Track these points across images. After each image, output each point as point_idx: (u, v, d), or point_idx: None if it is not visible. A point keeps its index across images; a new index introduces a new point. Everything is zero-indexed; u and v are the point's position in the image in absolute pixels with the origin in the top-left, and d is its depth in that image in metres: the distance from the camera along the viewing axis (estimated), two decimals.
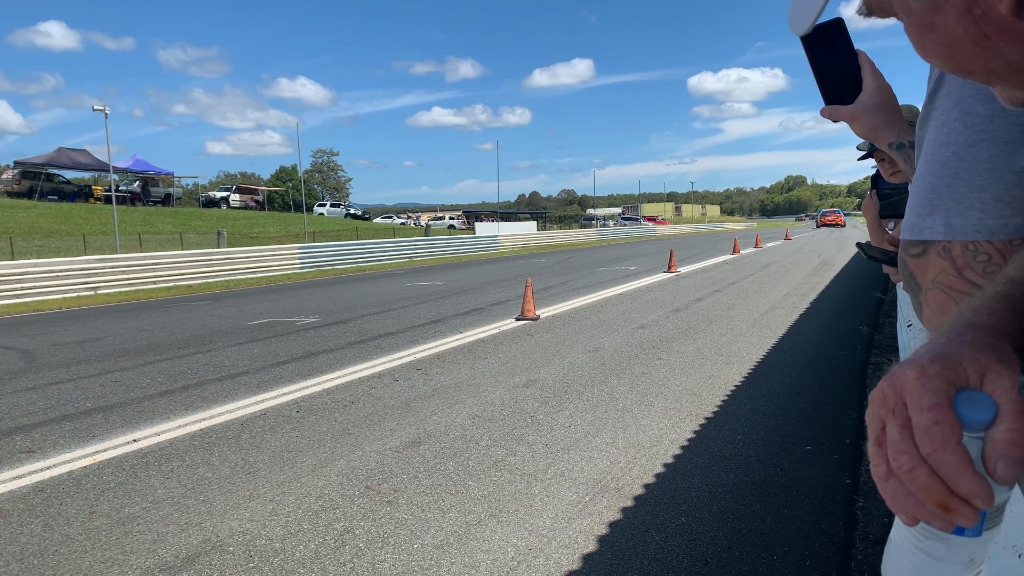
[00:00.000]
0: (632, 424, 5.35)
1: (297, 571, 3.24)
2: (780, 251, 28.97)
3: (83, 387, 7.00)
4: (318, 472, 4.50)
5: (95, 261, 18.09)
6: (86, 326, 11.61)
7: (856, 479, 4.20)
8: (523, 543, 3.47)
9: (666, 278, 17.49)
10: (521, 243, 39.36)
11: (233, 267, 21.66)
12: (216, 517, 3.86)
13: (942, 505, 0.46)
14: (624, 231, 58.00)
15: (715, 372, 7.01)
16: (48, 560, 3.41)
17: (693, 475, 4.31)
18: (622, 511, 3.81)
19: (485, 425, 5.41)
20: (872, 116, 1.12)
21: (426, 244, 31.49)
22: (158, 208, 45.17)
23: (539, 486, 4.19)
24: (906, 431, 0.46)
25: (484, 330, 9.90)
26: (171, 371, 7.66)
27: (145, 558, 3.40)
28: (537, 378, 6.92)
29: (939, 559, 0.53)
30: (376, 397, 6.34)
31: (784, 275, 17.57)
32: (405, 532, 3.62)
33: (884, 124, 1.13)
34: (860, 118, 1.13)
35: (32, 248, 25.18)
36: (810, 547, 3.37)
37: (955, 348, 0.48)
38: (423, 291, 15.96)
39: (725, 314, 10.99)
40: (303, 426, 5.49)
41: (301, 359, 8.15)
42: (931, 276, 0.78)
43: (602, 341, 8.87)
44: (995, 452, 0.45)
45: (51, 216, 35.51)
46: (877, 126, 1.13)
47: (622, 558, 3.30)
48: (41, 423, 5.75)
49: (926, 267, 0.79)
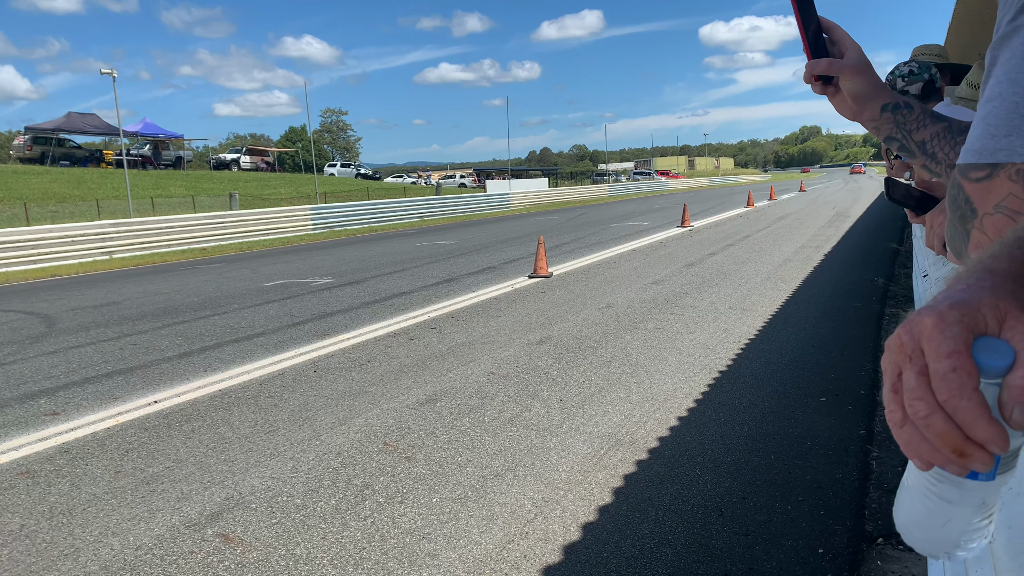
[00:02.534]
0: (646, 379, 5.38)
1: (319, 526, 3.32)
2: (794, 203, 28.69)
3: (103, 350, 7.10)
4: (337, 430, 4.57)
5: (109, 226, 18.18)
6: (103, 290, 11.73)
7: (870, 429, 4.21)
8: (539, 496, 3.53)
9: (679, 233, 17.39)
10: (533, 200, 39.15)
11: (246, 229, 21.71)
12: (238, 475, 3.94)
13: (957, 451, 0.46)
14: (637, 186, 57.48)
15: (729, 326, 7.01)
16: (76, 518, 3.51)
17: (707, 428, 4.34)
18: (637, 464, 3.85)
19: (500, 382, 5.45)
20: (872, 72, 1.07)
21: (437, 203, 31.39)
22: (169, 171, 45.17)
23: (554, 440, 4.24)
24: (923, 378, 0.46)
25: (497, 288, 9.92)
26: (188, 333, 7.75)
27: (171, 515, 3.49)
28: (551, 335, 6.95)
29: (952, 502, 0.53)
30: (392, 356, 6.40)
31: (798, 227, 17.43)
32: (423, 487, 3.69)
33: (878, 85, 1.08)
34: (862, 72, 1.05)
35: (46, 214, 25.32)
36: (824, 496, 3.41)
37: (974, 295, 0.48)
38: (436, 250, 15.96)
39: (739, 268, 10.94)
40: (321, 385, 5.56)
41: (316, 319, 8.22)
42: (994, 200, 0.75)
43: (615, 297, 8.87)
44: (1012, 398, 0.45)
45: (63, 181, 35.62)
46: (877, 83, 1.07)
47: (637, 509, 3.34)
48: (64, 386, 5.85)
49: (989, 191, 0.76)
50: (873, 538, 3.04)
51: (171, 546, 3.19)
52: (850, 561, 2.88)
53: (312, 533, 3.26)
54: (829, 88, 1.09)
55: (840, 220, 19.11)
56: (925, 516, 0.56)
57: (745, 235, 16.08)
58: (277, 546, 3.15)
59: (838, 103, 1.10)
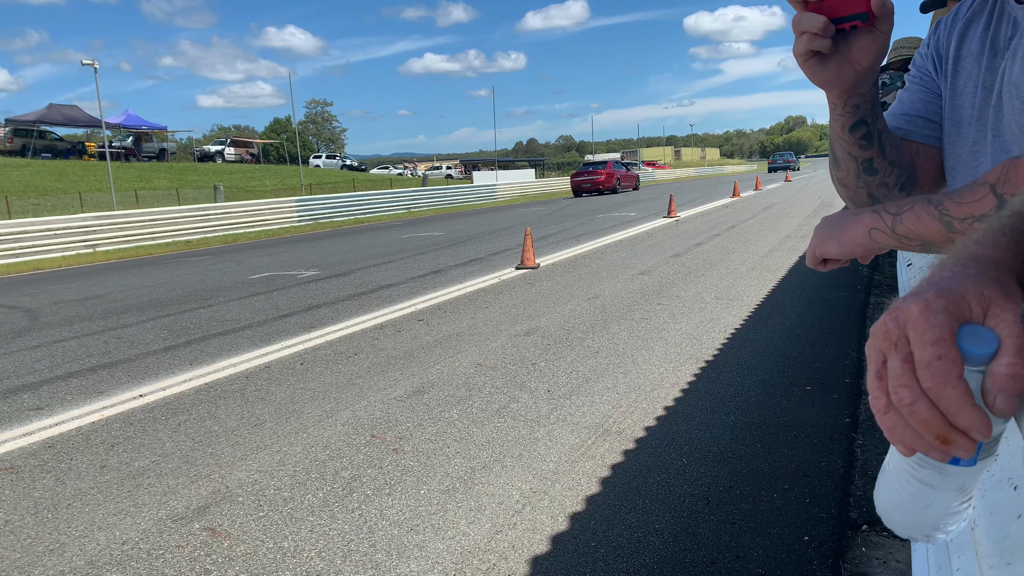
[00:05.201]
0: (633, 369, 5.39)
1: (306, 518, 3.31)
2: (780, 193, 28.81)
3: (87, 344, 7.04)
4: (324, 422, 4.56)
5: (92, 219, 18.02)
6: (87, 284, 11.62)
7: (855, 418, 4.25)
8: (527, 486, 3.54)
9: (666, 223, 17.43)
10: (519, 191, 39.11)
11: (231, 221, 21.58)
12: (225, 468, 3.92)
13: (941, 437, 0.46)
14: None
15: (715, 316, 7.04)
16: (62, 514, 3.48)
17: (694, 417, 4.36)
18: (624, 454, 3.86)
19: (487, 373, 5.45)
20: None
21: (424, 195, 31.30)
22: (153, 163, 44.81)
23: (542, 431, 4.25)
24: (908, 365, 0.46)
25: (484, 280, 9.92)
26: (174, 327, 7.70)
27: (157, 510, 3.47)
28: (538, 326, 6.96)
29: (933, 487, 0.54)
30: (379, 348, 6.38)
31: (784, 217, 17.51)
32: (411, 478, 3.69)
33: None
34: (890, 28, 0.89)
35: (28, 207, 25.04)
36: (810, 484, 3.44)
37: (959, 282, 0.48)
38: (422, 242, 15.92)
39: (725, 258, 10.98)
40: (307, 378, 5.54)
41: (303, 312, 8.18)
42: None
43: (602, 288, 8.89)
44: (995, 386, 0.45)
45: (45, 174, 35.24)
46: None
47: (624, 498, 3.36)
48: (47, 380, 5.80)
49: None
50: (858, 525, 3.07)
51: (157, 540, 3.18)
52: (835, 548, 2.90)
53: (300, 526, 3.25)
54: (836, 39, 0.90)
55: (825, 210, 19.20)
56: (906, 500, 0.57)
57: (731, 225, 16.14)
58: (264, 539, 3.15)
59: (826, 63, 0.92)
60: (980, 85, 0.97)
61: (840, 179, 1.08)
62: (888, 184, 1.05)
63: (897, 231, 0.91)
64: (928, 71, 1.10)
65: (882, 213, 0.93)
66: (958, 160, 1.02)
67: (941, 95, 1.07)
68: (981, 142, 0.96)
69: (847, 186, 1.08)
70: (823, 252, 1.02)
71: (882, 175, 1.04)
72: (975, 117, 0.97)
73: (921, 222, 0.87)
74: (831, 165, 1.10)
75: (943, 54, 1.06)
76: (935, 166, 1.08)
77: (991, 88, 0.94)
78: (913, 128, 1.09)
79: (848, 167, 1.05)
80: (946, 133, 1.05)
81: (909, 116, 1.10)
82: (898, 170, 1.04)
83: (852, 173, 1.05)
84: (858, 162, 1.03)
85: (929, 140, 1.08)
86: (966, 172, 0.99)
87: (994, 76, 0.94)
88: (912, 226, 0.88)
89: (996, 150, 0.92)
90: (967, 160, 0.99)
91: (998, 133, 0.91)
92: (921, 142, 1.08)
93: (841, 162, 1.06)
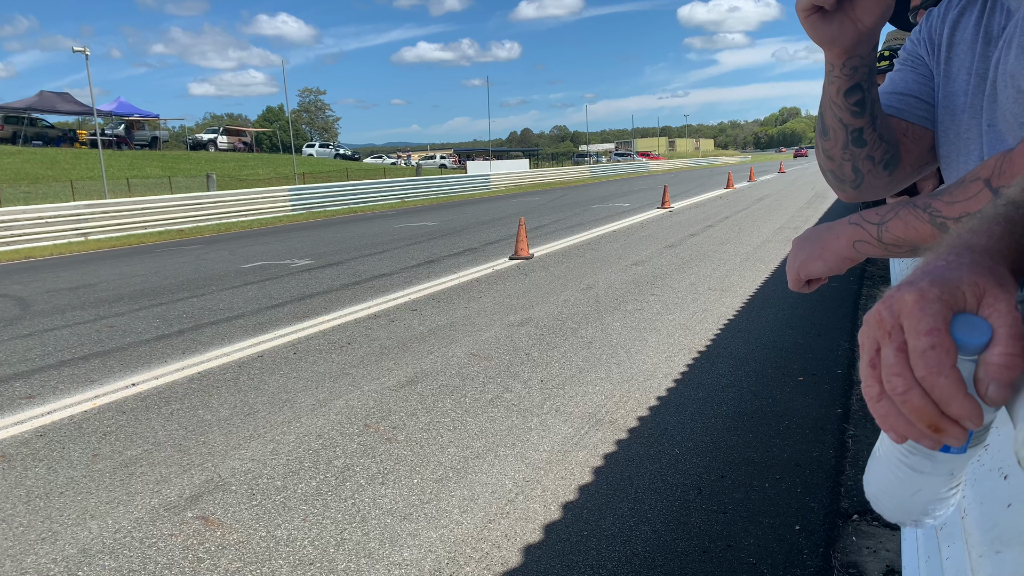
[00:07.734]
0: (626, 359, 5.41)
1: (299, 507, 3.31)
2: (774, 184, 28.84)
3: (79, 333, 7.01)
4: (317, 412, 4.56)
5: (84, 207, 17.90)
6: (78, 272, 11.57)
7: (847, 408, 4.27)
8: (520, 475, 3.55)
9: (660, 214, 17.44)
10: (514, 181, 39.03)
11: (224, 210, 21.46)
12: (218, 457, 3.92)
13: (933, 426, 0.46)
14: (618, 167, 57.49)
15: (708, 307, 7.05)
16: (54, 502, 3.48)
17: (686, 407, 4.37)
18: (616, 443, 3.88)
19: (481, 363, 5.46)
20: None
21: (418, 184, 31.20)
22: (145, 152, 44.51)
23: (535, 421, 4.25)
24: (901, 354, 0.46)
25: (478, 270, 9.91)
26: (166, 315, 7.67)
27: (150, 498, 3.47)
28: (532, 316, 6.96)
29: (923, 473, 0.55)
30: (372, 338, 6.37)
31: (778, 209, 17.54)
32: (405, 468, 3.69)
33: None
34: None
35: (19, 195, 24.87)
36: (801, 474, 3.45)
37: (954, 271, 0.48)
38: (416, 232, 15.89)
39: (718, 249, 11.00)
40: (301, 367, 5.54)
41: (296, 301, 8.17)
42: None
43: (596, 278, 8.89)
44: (988, 375, 0.45)
45: (36, 162, 34.99)
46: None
47: (617, 488, 3.37)
48: (39, 369, 5.78)
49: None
50: (849, 515, 3.09)
51: (150, 529, 3.17)
52: (826, 537, 2.92)
53: (293, 515, 3.25)
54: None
55: (818, 201, 19.25)
56: (896, 485, 0.57)
57: (725, 216, 16.15)
58: (258, 528, 3.15)
59: (828, 19, 0.88)
60: (973, 72, 0.96)
61: (827, 150, 1.06)
62: (874, 158, 1.02)
63: (884, 240, 0.90)
64: (920, 56, 1.08)
65: (864, 224, 0.92)
66: (951, 148, 1.01)
67: (933, 79, 1.06)
68: (974, 129, 0.95)
69: (833, 158, 1.06)
70: (808, 273, 1.01)
71: (870, 147, 1.01)
72: (968, 104, 0.97)
73: (910, 227, 0.87)
74: (818, 136, 1.08)
75: (936, 40, 1.05)
76: (921, 148, 1.06)
77: (984, 76, 0.94)
78: (905, 107, 1.06)
79: (837, 136, 1.02)
80: (939, 120, 1.04)
81: (902, 95, 1.07)
82: (885, 145, 1.02)
83: (840, 143, 1.02)
84: (848, 131, 1.00)
85: (921, 121, 1.06)
86: (960, 160, 0.99)
87: (987, 64, 0.93)
88: (901, 233, 0.88)
89: (991, 140, 0.91)
90: (960, 148, 0.99)
91: (993, 123, 0.91)
92: (912, 122, 1.06)
93: (830, 131, 1.03)
